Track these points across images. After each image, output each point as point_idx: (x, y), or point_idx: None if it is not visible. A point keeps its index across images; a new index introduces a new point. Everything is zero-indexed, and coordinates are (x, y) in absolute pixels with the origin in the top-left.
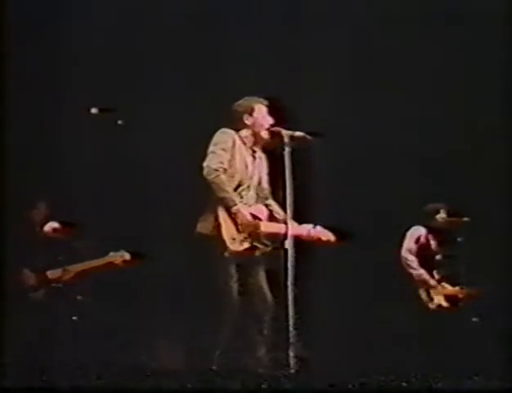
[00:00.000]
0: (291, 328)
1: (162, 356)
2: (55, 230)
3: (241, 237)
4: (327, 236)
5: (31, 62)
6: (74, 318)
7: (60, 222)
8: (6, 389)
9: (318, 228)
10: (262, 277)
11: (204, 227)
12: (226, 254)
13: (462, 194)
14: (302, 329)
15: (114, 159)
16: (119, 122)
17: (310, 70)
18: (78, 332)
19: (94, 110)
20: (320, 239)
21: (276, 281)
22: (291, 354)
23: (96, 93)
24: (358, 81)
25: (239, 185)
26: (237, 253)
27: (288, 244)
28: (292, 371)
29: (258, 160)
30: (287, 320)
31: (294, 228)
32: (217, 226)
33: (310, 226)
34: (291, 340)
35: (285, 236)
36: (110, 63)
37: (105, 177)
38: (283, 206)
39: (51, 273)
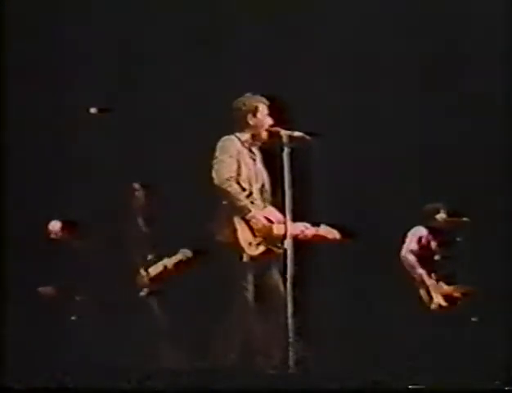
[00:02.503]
0: (291, 328)
1: (162, 356)
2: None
3: (257, 241)
4: (333, 234)
5: (30, 62)
6: (72, 318)
7: (63, 221)
8: (6, 389)
9: (322, 226)
10: (276, 277)
11: (221, 234)
12: (244, 258)
13: (462, 194)
14: (301, 329)
15: (113, 159)
16: (92, 110)
17: (310, 69)
18: (77, 332)
19: (93, 110)
20: (319, 237)
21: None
22: (291, 353)
23: (96, 93)
24: (358, 81)
25: (249, 192)
26: (254, 257)
27: (287, 244)
28: (292, 371)
29: (258, 162)
30: (286, 320)
31: (292, 228)
32: (234, 232)
33: (303, 225)
34: (291, 340)
35: (284, 236)
36: (109, 63)
37: (106, 177)
38: (282, 206)
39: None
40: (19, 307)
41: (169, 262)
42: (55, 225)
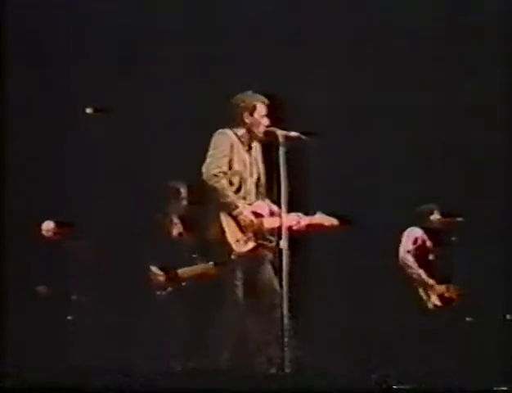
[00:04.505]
0: (286, 328)
1: (158, 356)
2: (53, 231)
3: (245, 238)
4: (330, 221)
5: (29, 62)
6: (69, 317)
7: (56, 222)
8: (6, 389)
9: (318, 214)
10: (270, 272)
11: (208, 231)
12: (233, 256)
13: (457, 194)
14: (297, 327)
15: (111, 158)
16: (88, 110)
17: (308, 68)
18: (74, 332)
19: (89, 110)
20: (315, 226)
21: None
22: (286, 353)
23: (93, 92)
24: (356, 81)
25: (240, 186)
26: (243, 254)
27: (283, 239)
28: (287, 370)
29: (254, 156)
30: (282, 318)
31: (286, 220)
32: (221, 230)
33: (297, 215)
34: (286, 339)
35: (279, 235)
36: (108, 62)
37: (103, 177)
38: (278, 206)
39: (182, 272)
40: (16, 307)
41: (200, 267)
42: (48, 225)
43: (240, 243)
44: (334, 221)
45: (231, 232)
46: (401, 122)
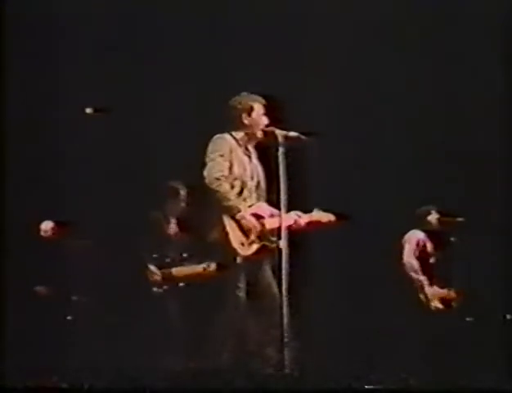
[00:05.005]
0: (286, 328)
1: (158, 356)
2: (52, 231)
3: (249, 241)
4: (328, 217)
5: (29, 62)
6: (68, 317)
7: (55, 222)
8: (6, 389)
9: (315, 211)
10: (270, 274)
11: (212, 235)
12: (238, 260)
13: (457, 194)
14: (297, 328)
15: (111, 158)
16: (88, 110)
17: (307, 69)
18: (74, 332)
19: (89, 110)
20: (314, 224)
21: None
22: (286, 353)
23: (92, 93)
24: (355, 81)
25: (241, 190)
26: (248, 257)
27: (282, 243)
28: (287, 371)
29: (253, 159)
30: (281, 320)
31: (286, 220)
32: (225, 234)
33: (295, 214)
34: (286, 340)
35: (278, 235)
36: (107, 62)
37: (102, 178)
38: (277, 206)
39: (176, 271)
40: (16, 307)
41: (195, 268)
42: (47, 225)
43: (244, 246)
44: (332, 217)
45: (235, 236)
46: (402, 123)
